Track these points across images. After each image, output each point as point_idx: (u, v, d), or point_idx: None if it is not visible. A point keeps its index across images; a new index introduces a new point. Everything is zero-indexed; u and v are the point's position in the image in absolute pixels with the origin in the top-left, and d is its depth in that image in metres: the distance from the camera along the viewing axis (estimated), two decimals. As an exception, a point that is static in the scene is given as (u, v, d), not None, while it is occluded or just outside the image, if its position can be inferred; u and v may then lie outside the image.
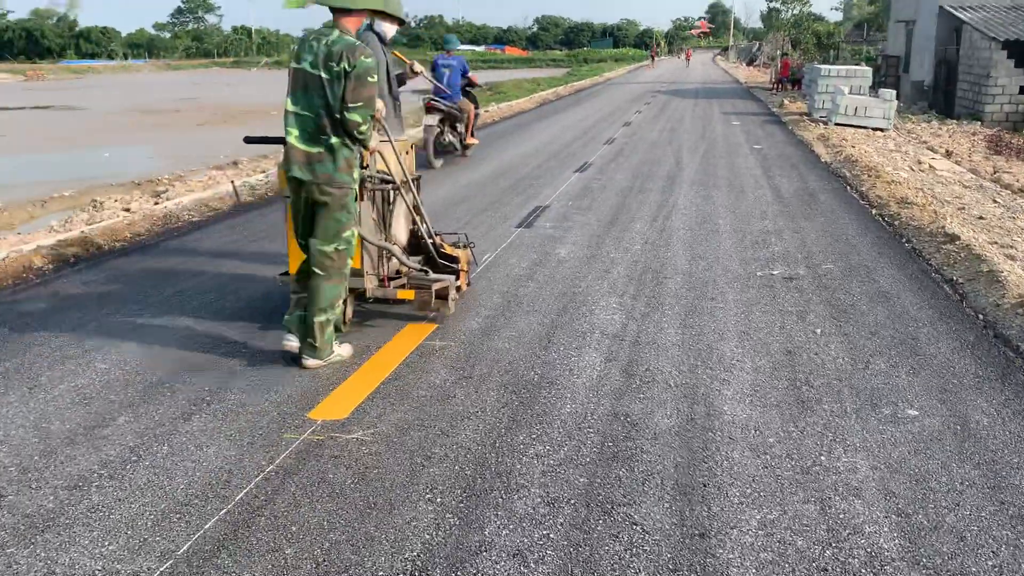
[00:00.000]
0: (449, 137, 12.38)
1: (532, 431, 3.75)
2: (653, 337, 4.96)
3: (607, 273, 6.38)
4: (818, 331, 5.08)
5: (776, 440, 3.67)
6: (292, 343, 4.46)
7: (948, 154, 14.96)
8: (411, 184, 5.09)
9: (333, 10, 4.19)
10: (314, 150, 4.13)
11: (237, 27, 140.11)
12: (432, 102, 11.86)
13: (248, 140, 4.93)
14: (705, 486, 3.27)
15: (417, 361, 4.60)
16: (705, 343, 4.87)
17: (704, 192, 9.93)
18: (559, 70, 67.74)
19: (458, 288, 5.27)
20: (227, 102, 35.04)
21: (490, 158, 13.19)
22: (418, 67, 6.29)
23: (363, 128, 4.16)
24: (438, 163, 11.92)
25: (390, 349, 4.76)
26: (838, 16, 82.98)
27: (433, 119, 11.89)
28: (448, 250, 5.37)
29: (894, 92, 18.00)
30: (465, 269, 5.49)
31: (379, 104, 4.45)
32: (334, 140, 4.14)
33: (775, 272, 6.39)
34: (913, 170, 12.35)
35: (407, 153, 5.18)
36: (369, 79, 4.10)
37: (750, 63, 69.06)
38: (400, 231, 5.22)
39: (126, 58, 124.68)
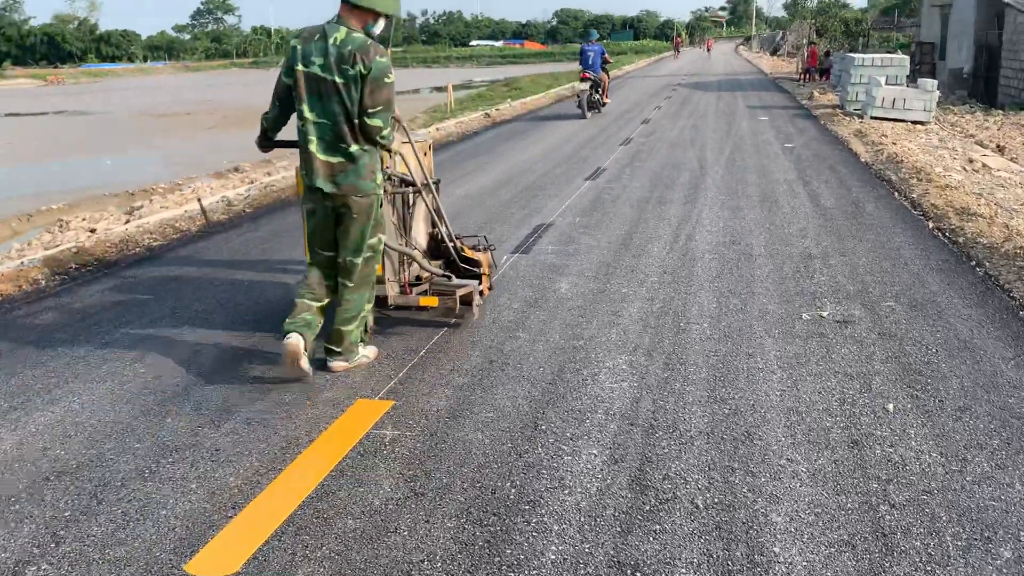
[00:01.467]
0: (595, 96, 19.20)
1: (497, 598, 2.60)
2: (673, 419, 3.78)
3: (616, 317, 5.20)
4: (890, 407, 3.88)
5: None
6: (293, 341, 4.03)
7: (1000, 149, 13.59)
8: (431, 186, 4.96)
9: (343, 3, 3.97)
10: (335, 160, 3.99)
11: (256, 27, 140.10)
12: (585, 73, 18.68)
13: (262, 146, 4.53)
14: None
15: (357, 464, 3.45)
16: (742, 428, 3.68)
17: (732, 203, 8.70)
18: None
19: (481, 293, 5.12)
20: (241, 104, 34.48)
21: (495, 163, 12.03)
22: None
23: (385, 133, 4.04)
24: (589, 115, 18.64)
25: (326, 443, 3.63)
26: (862, 3, 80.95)
27: (585, 85, 18.68)
28: (469, 254, 5.18)
29: (935, 82, 16.60)
30: (487, 273, 5.30)
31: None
32: (354, 148, 3.99)
33: (825, 313, 5.18)
34: (966, 170, 11.02)
35: (425, 154, 5.07)
36: (387, 80, 3.94)
37: (774, 53, 67.25)
38: (420, 235, 5.08)
39: (145, 60, 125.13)
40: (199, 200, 8.93)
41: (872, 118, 16.60)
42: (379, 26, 4.09)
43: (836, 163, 11.39)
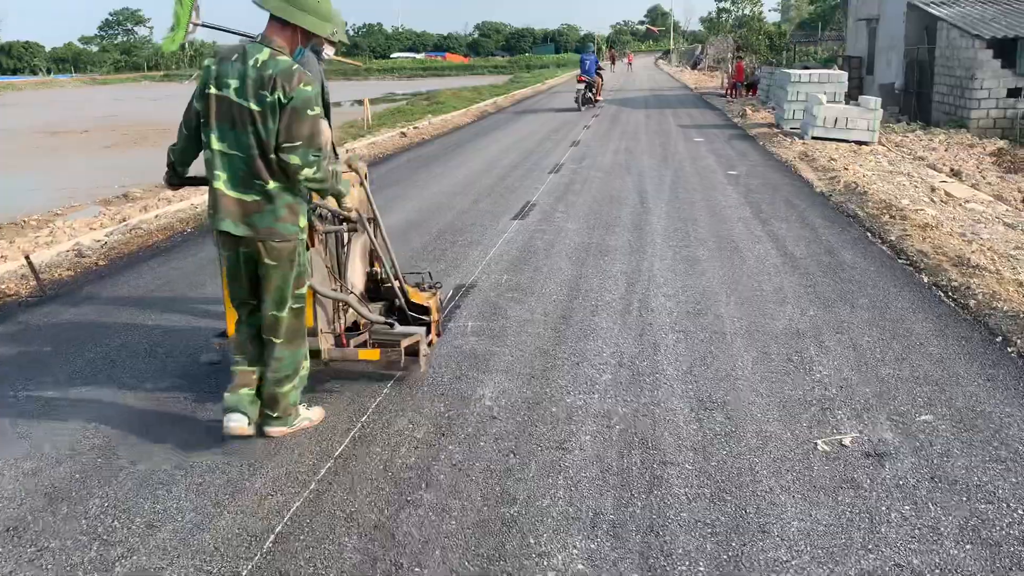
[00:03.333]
0: (589, 94, 25.78)
1: None
2: None
3: (562, 455, 3.69)
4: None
5: None
6: (238, 423, 3.64)
7: (955, 174, 12.64)
8: (366, 221, 4.36)
9: (270, 18, 3.49)
10: (248, 198, 3.45)
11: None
12: (581, 77, 26.03)
13: (170, 183, 3.95)
14: None
15: None
16: None
17: (686, 251, 7.30)
18: (501, 77, 65.42)
19: (429, 342, 4.53)
20: (147, 120, 32.25)
21: (407, 196, 10.43)
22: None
23: (307, 172, 3.43)
24: (583, 109, 25.14)
25: None
26: (776, 16, 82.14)
27: (581, 85, 25.87)
28: (415, 296, 4.61)
29: (878, 100, 15.69)
30: (436, 318, 4.70)
31: (324, 134, 3.71)
32: (271, 185, 3.45)
33: (847, 441, 3.75)
34: (934, 202, 9.92)
35: (361, 184, 4.37)
36: (309, 112, 3.40)
37: (694, 67, 67.40)
38: (357, 275, 4.44)
39: (50, 73, 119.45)
40: (27, 258, 7.08)
41: (813, 138, 15.61)
42: (325, 47, 3.80)
43: (790, 195, 10.15)
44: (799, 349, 4.90)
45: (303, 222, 3.59)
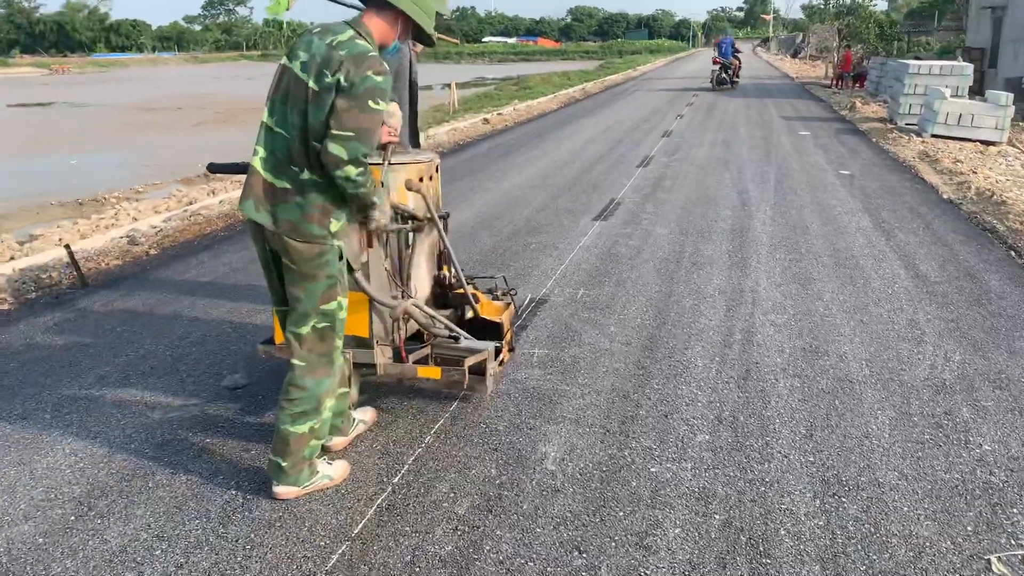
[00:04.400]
0: (723, 76, 27.74)
1: None
2: None
3: (637, 574, 2.78)
4: None
5: None
6: (332, 440, 3.36)
7: (1103, 182, 11.09)
8: (437, 220, 3.77)
9: (367, 5, 3.06)
10: (279, 184, 2.95)
11: (268, 19, 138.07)
12: (717, 59, 28.04)
13: (212, 168, 3.75)
14: None
15: None
16: None
17: (797, 267, 6.27)
18: (592, 63, 64.15)
19: (500, 360, 3.97)
20: (240, 98, 32.65)
21: (483, 188, 9.61)
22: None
23: (349, 171, 2.84)
24: (719, 88, 27.29)
25: None
26: (883, 5, 78.20)
27: (716, 67, 27.86)
28: (485, 306, 4.07)
29: (1009, 95, 14.09)
30: (509, 329, 4.14)
31: (394, 118, 3.16)
32: (306, 176, 2.92)
33: (1036, 563, 2.75)
34: (1088, 216, 8.55)
35: (431, 178, 3.84)
36: (371, 104, 2.85)
37: (795, 55, 64.73)
38: (422, 279, 3.90)
39: (155, 51, 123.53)
40: (67, 248, 6.54)
41: (933, 136, 14.15)
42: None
43: (914, 201, 8.92)
44: (948, 409, 3.87)
45: (336, 226, 2.99)
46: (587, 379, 4.22)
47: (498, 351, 3.89)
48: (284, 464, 3.07)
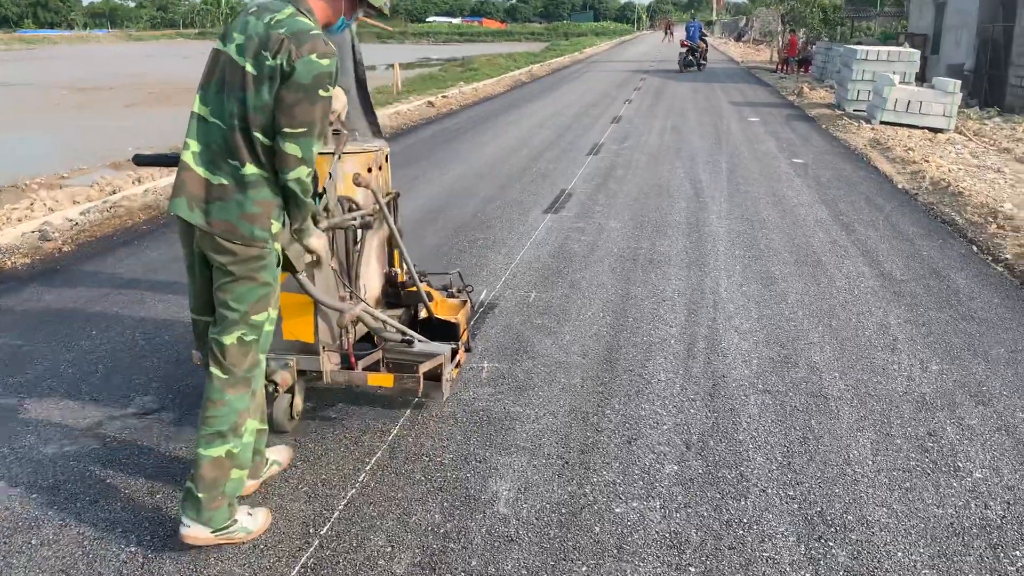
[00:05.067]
0: (690, 58, 28.38)
1: None
2: None
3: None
4: None
5: None
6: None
7: (1051, 171, 11.07)
8: (385, 211, 3.53)
9: None
10: (215, 180, 2.64)
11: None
12: (685, 42, 28.46)
13: (139, 160, 3.48)
14: None
15: None
16: None
17: (758, 265, 5.96)
18: (538, 44, 63.65)
19: (457, 363, 3.70)
20: (175, 78, 31.31)
21: (428, 178, 9.14)
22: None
23: (301, 172, 2.63)
24: (686, 71, 27.95)
25: None
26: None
27: (683, 49, 28.53)
28: (440, 305, 3.86)
29: (956, 82, 14.06)
30: (465, 329, 3.93)
31: (339, 101, 3.01)
32: (248, 170, 2.62)
33: (1051, 621, 2.45)
34: (1042, 207, 8.44)
35: (380, 167, 3.60)
36: (321, 92, 2.61)
37: (738, 39, 65.13)
38: (372, 277, 3.66)
39: (86, 28, 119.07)
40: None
41: (882, 123, 14.06)
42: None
43: (870, 192, 8.72)
44: (932, 429, 3.58)
45: (276, 228, 2.71)
46: (542, 398, 3.83)
47: (454, 353, 3.67)
48: (200, 495, 2.67)
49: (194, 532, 2.70)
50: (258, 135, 2.61)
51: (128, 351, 4.41)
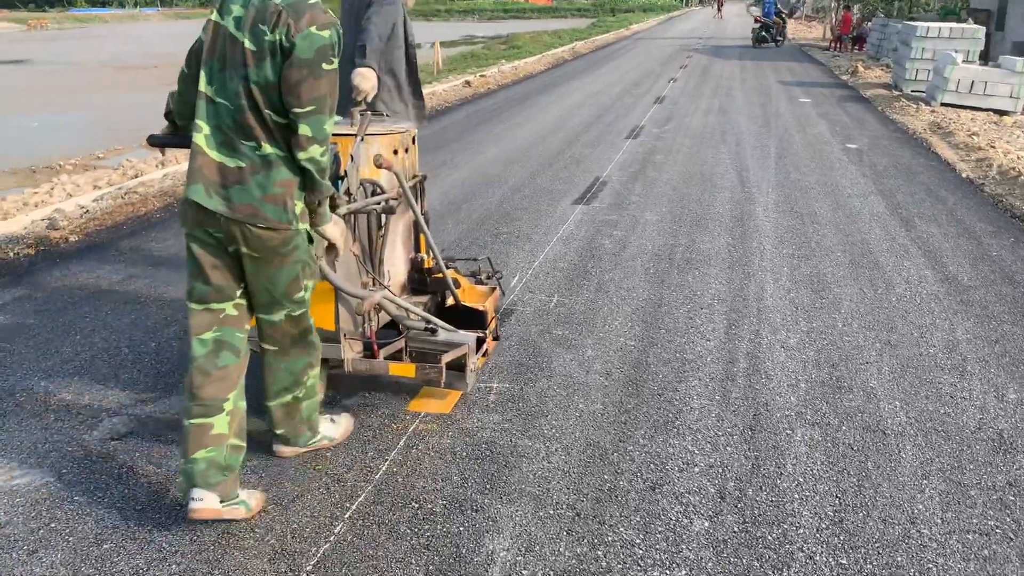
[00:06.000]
0: (763, 34, 28.08)
1: None
2: None
3: None
4: None
5: None
6: (204, 505, 2.58)
7: None
8: (409, 195, 3.35)
9: None
10: (232, 163, 2.52)
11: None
12: (758, 18, 29.02)
13: (153, 141, 3.03)
14: None
15: None
16: None
17: (808, 266, 5.40)
18: (584, 20, 62.53)
19: (485, 352, 3.68)
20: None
21: (450, 166, 8.67)
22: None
23: (314, 151, 2.53)
24: (759, 47, 27.32)
25: None
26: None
27: (756, 24, 28.53)
28: (468, 292, 3.77)
29: (1025, 61, 13.16)
30: (494, 317, 3.86)
31: (366, 80, 3.33)
32: (266, 149, 2.52)
33: None
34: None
35: (407, 150, 3.48)
36: (325, 66, 2.50)
37: (790, 16, 63.31)
38: (397, 263, 3.56)
39: (136, 6, 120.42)
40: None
41: (943, 104, 13.25)
42: None
43: (932, 182, 8.04)
44: (1013, 479, 3.04)
45: (299, 208, 2.62)
46: (555, 428, 3.36)
47: (481, 342, 3.62)
48: (279, 431, 3.02)
49: (285, 450, 3.08)
50: (269, 112, 2.50)
51: (107, 361, 4.03)
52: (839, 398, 3.63)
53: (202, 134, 2.54)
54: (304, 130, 2.49)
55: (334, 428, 3.20)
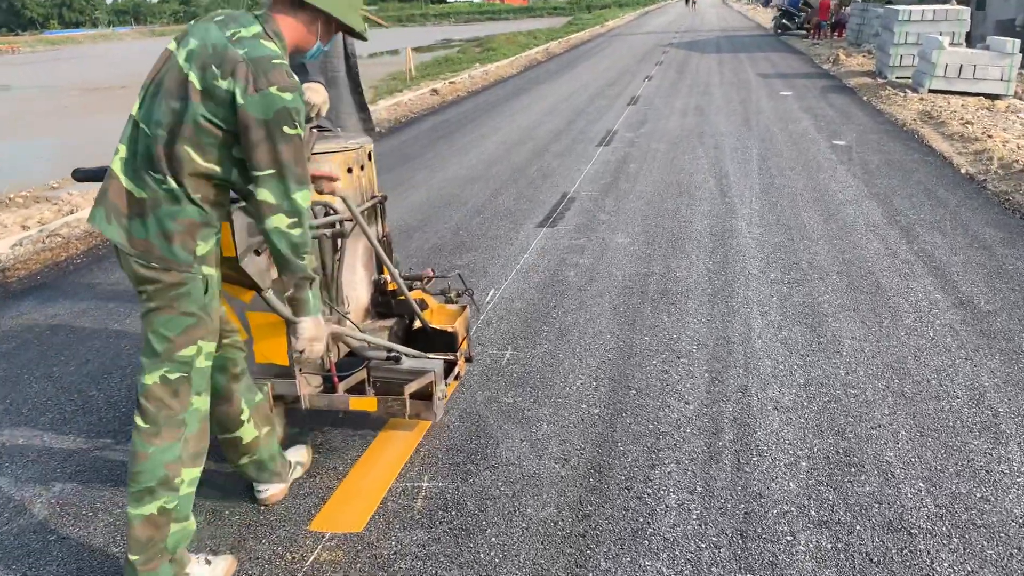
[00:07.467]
0: (784, 22, 28.19)
1: None
2: None
3: None
4: None
5: None
6: (269, 491, 2.90)
7: None
8: (359, 219, 3.01)
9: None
10: (137, 192, 2.31)
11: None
12: (779, 8, 29.16)
13: (79, 176, 2.90)
14: None
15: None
16: None
17: (801, 294, 4.71)
18: (560, 19, 61.96)
19: (456, 375, 3.44)
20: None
21: (407, 186, 7.96)
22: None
23: (279, 222, 2.29)
24: (778, 33, 28.19)
25: None
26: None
27: (777, 14, 28.67)
28: (436, 313, 3.57)
29: (1016, 42, 12.51)
30: (464, 338, 3.59)
31: (317, 94, 2.87)
32: (170, 184, 2.29)
33: None
34: None
35: (363, 167, 3.23)
36: (286, 130, 2.26)
37: (766, 4, 62.82)
38: (359, 286, 3.37)
39: (110, 26, 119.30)
40: None
41: (931, 91, 12.61)
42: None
43: (929, 180, 7.37)
44: (1082, 597, 2.33)
45: (203, 249, 2.34)
46: (493, 554, 2.65)
47: (451, 366, 3.38)
48: (133, 559, 2.35)
49: (271, 492, 2.85)
50: (188, 149, 2.26)
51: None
52: (850, 481, 2.93)
53: (119, 157, 2.35)
54: (264, 195, 2.27)
55: (209, 570, 2.54)
